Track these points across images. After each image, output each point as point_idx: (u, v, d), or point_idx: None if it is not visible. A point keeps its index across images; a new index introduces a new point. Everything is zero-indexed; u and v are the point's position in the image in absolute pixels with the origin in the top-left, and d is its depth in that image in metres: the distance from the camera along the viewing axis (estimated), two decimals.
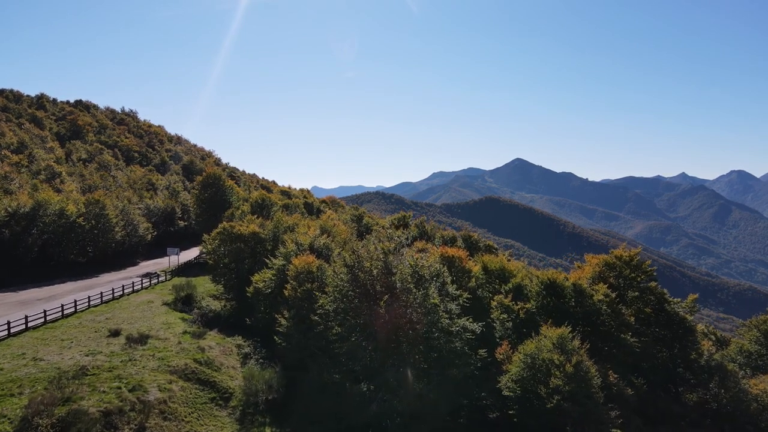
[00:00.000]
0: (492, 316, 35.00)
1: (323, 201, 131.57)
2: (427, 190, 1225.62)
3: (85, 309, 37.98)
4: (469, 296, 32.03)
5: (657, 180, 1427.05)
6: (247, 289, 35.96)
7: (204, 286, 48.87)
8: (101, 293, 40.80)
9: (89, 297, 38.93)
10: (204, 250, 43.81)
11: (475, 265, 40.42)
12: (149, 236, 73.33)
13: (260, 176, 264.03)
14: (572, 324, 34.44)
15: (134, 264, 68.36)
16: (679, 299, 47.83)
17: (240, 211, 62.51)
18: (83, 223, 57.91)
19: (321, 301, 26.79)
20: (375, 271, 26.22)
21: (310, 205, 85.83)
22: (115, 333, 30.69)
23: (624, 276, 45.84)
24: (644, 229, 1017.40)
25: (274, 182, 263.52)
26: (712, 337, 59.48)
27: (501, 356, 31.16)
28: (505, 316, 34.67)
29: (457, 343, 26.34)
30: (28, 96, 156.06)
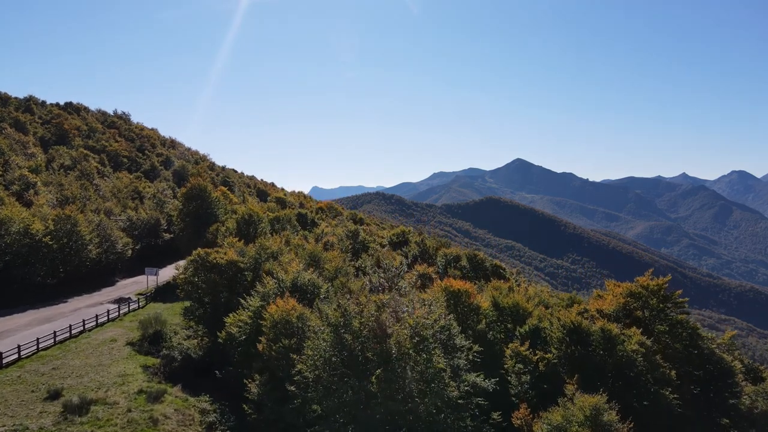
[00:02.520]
0: (506, 366, 29.87)
1: (319, 208, 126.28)
2: (428, 190, 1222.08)
3: (33, 353, 32.75)
4: (480, 348, 26.82)
5: (658, 180, 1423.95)
6: (218, 333, 30.76)
7: (181, 314, 43.63)
8: (54, 333, 35.47)
9: (38, 339, 33.61)
10: (176, 281, 38.49)
11: (484, 299, 35.23)
12: (129, 251, 68.10)
13: (259, 178, 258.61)
14: (601, 377, 29.31)
15: (111, 283, 63.15)
16: (713, 334, 42.84)
17: (225, 228, 57.30)
18: (50, 243, 52.66)
19: (299, 366, 21.58)
20: (365, 331, 20.99)
21: (303, 216, 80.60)
22: (55, 395, 25.50)
23: (650, 307, 40.79)
24: (645, 230, 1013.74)
25: (272, 185, 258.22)
26: (738, 363, 54.31)
27: (519, 422, 26.02)
28: (521, 366, 29.55)
29: (468, 420, 21.11)
30: (15, 98, 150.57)
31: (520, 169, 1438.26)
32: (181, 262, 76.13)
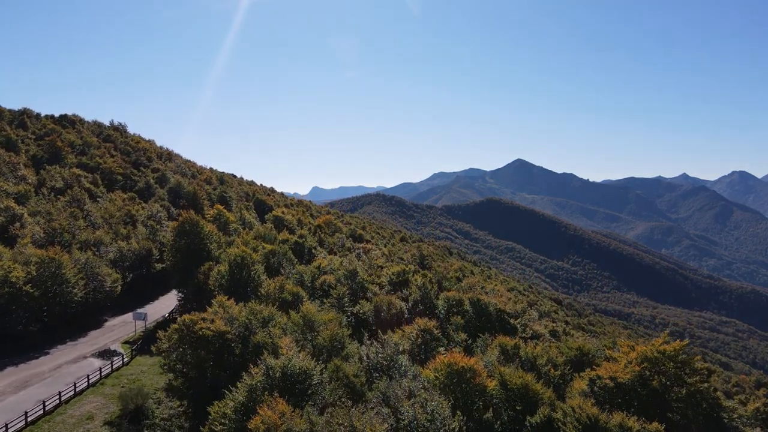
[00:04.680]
0: None
1: (318, 226, 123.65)
2: (428, 190, 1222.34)
3: None
4: None
5: (658, 180, 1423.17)
6: (201, 429, 28.17)
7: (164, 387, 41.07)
8: (26, 413, 32.88)
9: (7, 425, 31.08)
10: (159, 350, 35.86)
11: (491, 378, 32.59)
12: (118, 288, 65.39)
13: (258, 183, 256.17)
14: None
15: (99, 324, 60.54)
16: (735, 403, 40.38)
17: (216, 271, 54.70)
18: (31, 291, 50.03)
19: None
20: None
21: (300, 245, 77.98)
22: None
23: (666, 372, 38.33)
24: (645, 230, 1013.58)
25: (272, 190, 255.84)
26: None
27: None
28: None
29: None
30: (10, 111, 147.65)
31: (520, 170, 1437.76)
32: (171, 295, 73.61)
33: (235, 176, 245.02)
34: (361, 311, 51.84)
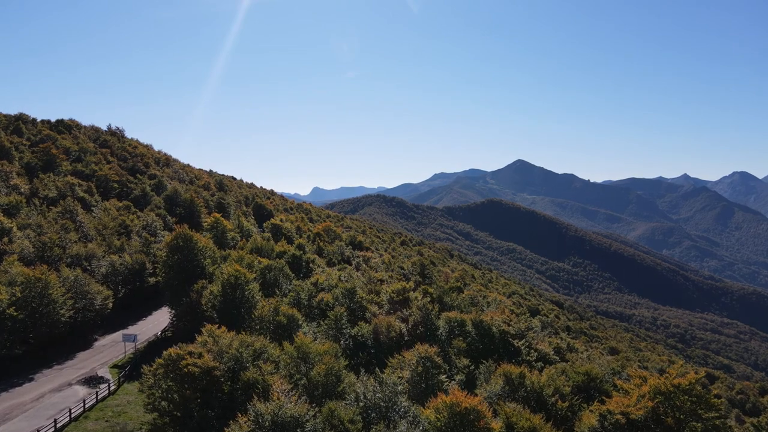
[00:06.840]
0: None
1: (317, 234, 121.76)
2: (429, 191, 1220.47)
3: None
4: None
5: (659, 181, 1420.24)
6: None
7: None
8: None
9: None
10: (143, 388, 33.83)
11: (495, 418, 30.58)
12: (110, 305, 63.34)
13: (258, 185, 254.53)
14: None
15: (87, 345, 58.46)
16: None
17: (209, 291, 52.72)
18: (15, 314, 48.04)
19: None
20: None
21: (298, 258, 76.01)
22: None
23: (680, 407, 36.29)
24: (646, 231, 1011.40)
25: (272, 192, 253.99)
26: None
27: None
28: None
29: None
30: (5, 116, 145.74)
31: (521, 170, 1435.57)
32: (165, 310, 71.49)
33: (234, 179, 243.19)
34: (359, 334, 49.84)
